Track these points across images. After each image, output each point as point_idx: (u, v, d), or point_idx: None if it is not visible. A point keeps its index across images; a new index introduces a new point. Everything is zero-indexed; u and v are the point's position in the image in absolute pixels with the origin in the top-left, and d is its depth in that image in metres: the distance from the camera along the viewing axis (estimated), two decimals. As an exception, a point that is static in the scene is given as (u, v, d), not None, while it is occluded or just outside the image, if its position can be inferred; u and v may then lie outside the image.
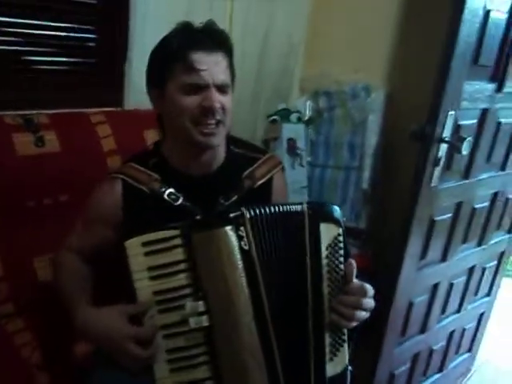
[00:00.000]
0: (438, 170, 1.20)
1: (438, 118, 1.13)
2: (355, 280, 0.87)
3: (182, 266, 0.83)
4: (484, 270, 1.73)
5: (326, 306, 0.86)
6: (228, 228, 0.81)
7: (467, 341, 1.87)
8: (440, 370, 1.76)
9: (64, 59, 1.41)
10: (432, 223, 1.34)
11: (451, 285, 1.57)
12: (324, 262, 0.86)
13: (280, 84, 1.89)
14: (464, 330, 1.80)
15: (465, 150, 1.16)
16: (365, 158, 1.78)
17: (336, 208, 0.89)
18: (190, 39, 0.91)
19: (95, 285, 1.00)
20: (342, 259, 0.87)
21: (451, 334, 1.71)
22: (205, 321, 0.82)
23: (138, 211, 0.96)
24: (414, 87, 1.61)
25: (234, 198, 0.98)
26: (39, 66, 1.38)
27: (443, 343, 1.69)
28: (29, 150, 1.11)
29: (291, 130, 1.85)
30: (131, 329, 0.83)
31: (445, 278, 1.52)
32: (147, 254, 0.83)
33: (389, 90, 1.70)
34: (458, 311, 1.69)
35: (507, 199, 1.68)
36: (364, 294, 0.86)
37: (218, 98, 0.91)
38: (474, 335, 1.90)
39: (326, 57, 1.90)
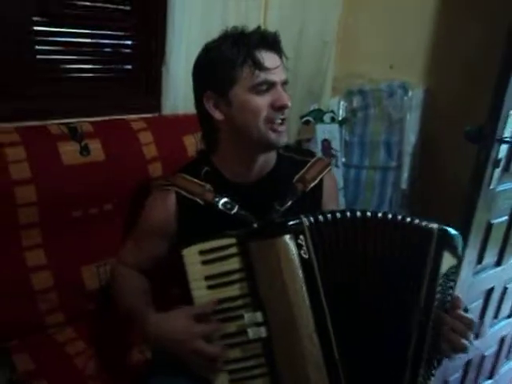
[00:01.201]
0: (497, 172, 1.15)
1: (499, 117, 1.07)
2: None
3: (240, 276, 0.81)
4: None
5: (429, 336, 0.80)
6: (287, 237, 0.78)
7: (517, 345, 1.81)
8: (491, 376, 1.70)
9: (101, 66, 1.41)
10: (489, 227, 1.29)
11: (505, 289, 1.51)
12: (437, 288, 0.80)
13: (313, 84, 1.87)
14: (515, 334, 1.74)
15: (527, 150, 1.11)
16: (403, 157, 1.74)
17: (460, 238, 0.83)
18: (254, 41, 0.91)
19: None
20: (451, 291, 0.82)
21: (502, 339, 1.65)
22: (263, 332, 0.80)
23: (193, 223, 0.96)
24: (455, 84, 1.56)
25: (289, 203, 0.96)
26: (77, 74, 1.38)
27: (495, 348, 1.63)
28: (74, 160, 1.11)
29: (325, 130, 1.83)
30: (199, 327, 0.82)
31: (499, 283, 1.47)
32: (204, 262, 0.81)
33: (428, 86, 1.66)
34: (510, 316, 1.63)
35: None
36: (469, 325, 0.81)
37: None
38: (524, 339, 1.83)
39: (359, 55, 1.87)
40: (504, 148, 1.15)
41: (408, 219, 0.82)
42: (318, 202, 1.03)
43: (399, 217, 0.82)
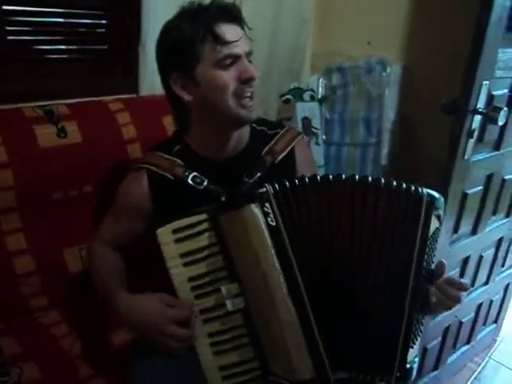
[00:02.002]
0: (471, 143, 1.17)
1: (472, 89, 1.09)
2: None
3: (213, 250, 0.83)
4: (511, 241, 1.71)
5: (420, 293, 0.83)
6: (252, 206, 0.79)
7: (494, 312, 1.87)
8: (468, 341, 1.77)
9: (76, 47, 1.38)
10: (464, 197, 1.32)
11: (481, 257, 1.56)
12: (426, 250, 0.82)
13: (291, 63, 1.85)
14: (491, 301, 1.79)
15: (501, 120, 1.13)
16: (383, 133, 1.76)
17: (443, 201, 0.85)
18: (211, 14, 0.88)
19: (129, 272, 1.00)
20: (435, 252, 0.85)
21: (479, 306, 1.71)
22: (241, 302, 0.82)
23: (165, 199, 0.96)
24: (431, 60, 1.57)
25: (258, 176, 0.97)
26: (51, 55, 1.35)
27: (471, 315, 1.69)
28: (51, 142, 1.10)
29: (305, 108, 1.82)
30: (170, 311, 0.84)
31: (475, 251, 1.51)
32: (178, 240, 0.83)
33: (405, 62, 1.67)
34: (486, 283, 1.69)
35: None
36: (463, 288, 0.85)
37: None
38: (500, 306, 1.89)
39: (337, 32, 1.86)
40: (478, 119, 1.17)
41: (406, 185, 0.82)
42: (291, 172, 1.03)
43: (402, 184, 0.81)
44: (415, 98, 1.62)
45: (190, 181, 0.94)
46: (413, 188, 0.82)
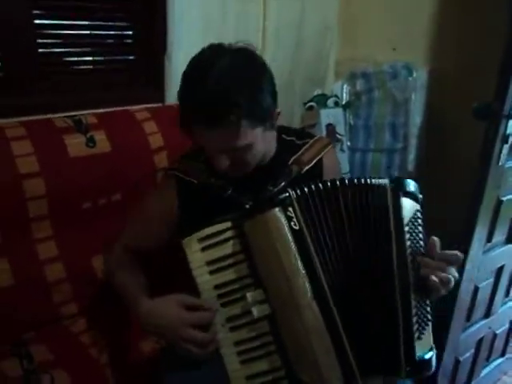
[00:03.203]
0: (506, 148, 1.14)
1: (507, 93, 1.06)
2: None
3: (239, 257, 0.82)
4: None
5: (411, 280, 0.82)
6: (276, 210, 0.79)
7: (528, 323, 1.80)
8: (502, 354, 1.70)
9: (103, 58, 1.41)
10: (499, 204, 1.28)
11: (516, 267, 1.51)
12: (406, 236, 0.82)
13: (315, 70, 1.85)
14: (526, 312, 1.73)
15: (537, 125, 1.10)
16: (409, 138, 1.73)
17: (414, 183, 0.86)
18: (191, 112, 0.84)
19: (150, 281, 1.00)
20: (421, 235, 0.83)
21: (514, 316, 1.65)
22: (266, 309, 0.81)
23: (191, 205, 0.97)
24: (459, 62, 1.54)
25: (282, 184, 0.95)
26: (80, 67, 1.38)
27: (506, 327, 1.63)
28: (81, 152, 1.11)
29: (329, 115, 1.80)
30: (187, 315, 0.84)
31: (510, 261, 1.46)
32: (204, 249, 0.82)
33: (432, 67, 1.64)
34: (521, 293, 1.63)
35: None
36: (452, 261, 0.81)
37: (230, 161, 0.88)
38: (535, 316, 1.82)
39: (362, 38, 1.85)
40: (512, 124, 1.14)
41: (369, 180, 0.83)
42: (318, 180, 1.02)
43: (355, 180, 0.83)
44: (443, 103, 1.59)
45: (215, 187, 0.95)
46: (373, 180, 0.82)
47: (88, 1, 1.31)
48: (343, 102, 1.83)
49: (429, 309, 0.84)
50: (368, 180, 0.83)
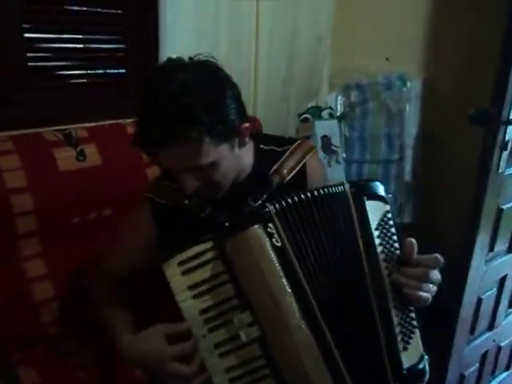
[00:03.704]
0: (505, 155, 1.12)
1: (504, 98, 1.05)
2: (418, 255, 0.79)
3: (222, 278, 0.77)
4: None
5: (387, 288, 0.79)
6: (256, 227, 0.75)
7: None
8: (507, 368, 1.66)
9: (94, 71, 1.39)
10: (499, 212, 1.26)
11: (519, 276, 1.48)
12: (377, 241, 0.79)
13: (309, 81, 1.85)
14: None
15: (538, 131, 1.08)
16: (405, 149, 1.72)
17: (378, 184, 0.83)
18: (146, 133, 0.80)
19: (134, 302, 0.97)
20: (395, 237, 0.81)
21: (518, 328, 1.61)
22: (255, 331, 0.76)
23: (168, 227, 0.93)
24: (453, 71, 1.54)
25: (264, 197, 0.91)
26: (70, 80, 1.37)
27: (510, 339, 1.59)
28: (71, 165, 1.09)
29: (324, 127, 1.79)
30: (170, 348, 0.80)
31: (513, 270, 1.43)
32: (184, 272, 0.78)
33: (426, 76, 1.64)
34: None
35: None
36: (432, 265, 0.77)
37: (199, 182, 0.85)
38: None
39: (355, 49, 1.85)
40: (511, 130, 1.12)
41: (315, 193, 0.80)
42: (303, 189, 0.96)
43: (309, 194, 0.79)
44: (438, 112, 1.58)
45: (191, 208, 0.91)
46: (332, 188, 0.80)
47: (79, 14, 1.30)
48: (338, 114, 1.82)
49: (413, 314, 0.80)
50: (327, 189, 0.80)
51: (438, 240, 1.43)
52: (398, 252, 0.80)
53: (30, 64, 1.22)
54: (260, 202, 0.90)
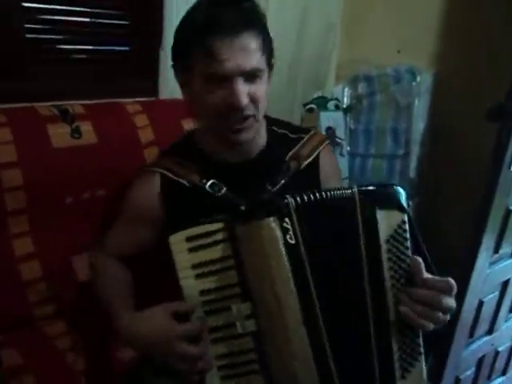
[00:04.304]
0: (518, 152, 1.08)
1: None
2: (429, 275, 0.72)
3: (228, 263, 0.74)
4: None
5: (390, 309, 0.72)
6: (271, 219, 0.70)
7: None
8: (503, 372, 1.63)
9: (96, 47, 1.34)
10: (508, 213, 1.21)
11: (522, 281, 1.44)
12: (385, 256, 0.72)
13: (316, 70, 1.80)
14: (529, 328, 1.67)
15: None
16: (411, 145, 1.67)
17: (398, 189, 0.73)
18: (211, 19, 0.76)
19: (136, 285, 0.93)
20: (408, 252, 0.72)
21: (517, 333, 1.59)
22: (252, 325, 0.73)
23: (179, 206, 0.89)
24: (467, 65, 1.49)
25: (282, 183, 0.88)
26: (70, 55, 1.32)
27: (509, 344, 1.56)
28: (65, 142, 1.05)
29: (329, 118, 1.75)
30: (179, 327, 0.75)
31: (516, 274, 1.39)
32: (192, 250, 0.74)
33: (437, 71, 1.59)
34: (526, 309, 1.56)
35: None
36: (443, 290, 0.71)
37: (247, 90, 0.79)
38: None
39: (365, 40, 1.80)
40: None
41: (329, 194, 0.72)
42: (315, 180, 0.95)
43: (324, 194, 0.72)
44: (448, 108, 1.53)
45: (208, 188, 0.87)
46: (339, 191, 0.72)
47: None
48: (344, 106, 1.78)
49: (420, 340, 0.74)
50: (333, 192, 0.72)
51: (441, 240, 1.40)
52: (409, 269, 0.73)
53: (28, 36, 1.18)
54: (278, 187, 0.88)
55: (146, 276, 0.98)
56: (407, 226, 0.73)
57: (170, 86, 1.33)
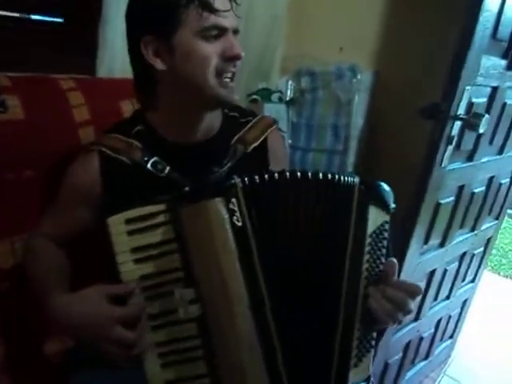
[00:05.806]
0: (450, 150, 1.14)
1: (455, 94, 1.05)
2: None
3: (170, 247, 0.71)
4: (473, 256, 1.71)
5: (360, 300, 0.74)
6: (217, 200, 0.68)
7: (451, 327, 1.86)
8: (426, 357, 1.74)
9: (26, 16, 1.23)
10: (437, 207, 1.27)
11: (445, 271, 1.53)
12: (366, 249, 0.73)
13: (261, 62, 1.79)
14: (450, 316, 1.78)
15: (482, 127, 1.10)
16: (350, 140, 1.72)
17: (389, 191, 0.76)
18: None
19: (73, 271, 0.86)
20: (384, 251, 0.75)
21: (439, 320, 1.69)
22: (196, 310, 0.71)
23: (119, 186, 0.85)
24: (404, 66, 1.56)
25: (228, 165, 0.87)
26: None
27: (431, 330, 1.66)
28: (-13, 116, 0.95)
29: (272, 110, 1.76)
30: (115, 309, 0.71)
31: (441, 265, 1.48)
32: (131, 232, 0.71)
33: (377, 69, 1.64)
34: (448, 298, 1.67)
35: (500, 184, 1.65)
36: (411, 293, 0.74)
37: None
38: (457, 322, 1.89)
39: (310, 35, 1.82)
40: (457, 125, 1.14)
41: (336, 176, 0.73)
42: (263, 162, 0.95)
43: (329, 175, 0.73)
44: (387, 105, 1.59)
45: (149, 166, 0.84)
46: (341, 177, 0.73)
47: None
48: (287, 99, 1.79)
49: (374, 334, 0.76)
50: (336, 176, 0.72)
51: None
52: (380, 267, 0.75)
53: None
54: (224, 169, 0.86)
55: (86, 265, 0.91)
56: (388, 227, 0.75)
57: (107, 65, 1.26)
